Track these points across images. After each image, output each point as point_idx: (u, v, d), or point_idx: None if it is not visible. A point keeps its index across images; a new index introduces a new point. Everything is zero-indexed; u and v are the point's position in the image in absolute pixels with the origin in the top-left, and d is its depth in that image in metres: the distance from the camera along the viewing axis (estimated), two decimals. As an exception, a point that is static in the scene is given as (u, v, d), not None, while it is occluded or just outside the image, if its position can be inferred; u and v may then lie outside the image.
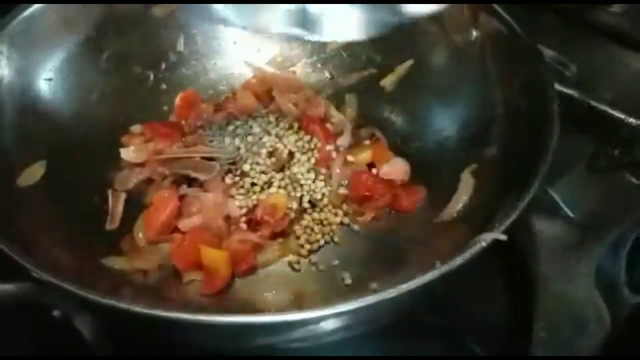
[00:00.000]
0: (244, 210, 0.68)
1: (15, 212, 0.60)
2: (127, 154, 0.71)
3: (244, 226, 0.67)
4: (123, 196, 0.69)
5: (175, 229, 0.66)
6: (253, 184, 0.70)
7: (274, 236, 0.67)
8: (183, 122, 0.76)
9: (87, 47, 0.74)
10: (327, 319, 0.46)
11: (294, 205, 0.69)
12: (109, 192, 0.69)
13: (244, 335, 0.49)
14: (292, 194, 0.70)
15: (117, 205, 0.68)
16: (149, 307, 0.46)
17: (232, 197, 0.68)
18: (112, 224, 0.67)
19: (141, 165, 0.71)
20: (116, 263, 0.63)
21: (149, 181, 0.71)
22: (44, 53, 0.70)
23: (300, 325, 0.47)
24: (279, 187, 0.70)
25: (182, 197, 0.67)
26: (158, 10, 0.79)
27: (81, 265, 0.60)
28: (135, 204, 0.69)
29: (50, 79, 0.71)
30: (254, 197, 0.69)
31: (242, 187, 0.70)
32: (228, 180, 0.70)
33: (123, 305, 0.45)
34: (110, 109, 0.76)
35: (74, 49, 0.73)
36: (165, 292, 0.62)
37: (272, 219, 0.66)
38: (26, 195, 0.63)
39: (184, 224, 0.66)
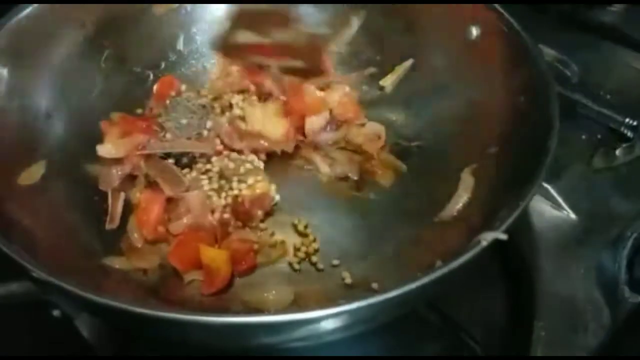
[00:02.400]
0: (224, 202, 0.67)
1: (15, 212, 0.60)
2: (105, 150, 0.67)
3: (227, 216, 0.66)
4: (122, 196, 0.69)
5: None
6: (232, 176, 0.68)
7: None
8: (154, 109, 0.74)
9: (86, 47, 0.74)
10: (327, 319, 0.46)
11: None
12: (109, 191, 0.69)
13: (244, 335, 0.49)
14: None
15: (116, 204, 0.68)
16: (149, 307, 0.46)
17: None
18: (112, 223, 0.67)
19: (121, 161, 0.68)
20: (116, 263, 0.63)
21: (136, 178, 0.69)
22: (44, 53, 0.70)
23: (300, 325, 0.47)
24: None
25: (168, 200, 0.66)
26: (158, 9, 0.79)
27: (81, 265, 0.60)
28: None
29: (50, 79, 0.71)
30: (235, 192, 0.67)
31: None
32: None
33: (123, 305, 0.45)
34: (110, 109, 0.75)
35: (74, 49, 0.73)
36: (166, 292, 0.62)
37: (262, 209, 0.67)
38: (26, 195, 0.63)
39: (175, 227, 0.65)
